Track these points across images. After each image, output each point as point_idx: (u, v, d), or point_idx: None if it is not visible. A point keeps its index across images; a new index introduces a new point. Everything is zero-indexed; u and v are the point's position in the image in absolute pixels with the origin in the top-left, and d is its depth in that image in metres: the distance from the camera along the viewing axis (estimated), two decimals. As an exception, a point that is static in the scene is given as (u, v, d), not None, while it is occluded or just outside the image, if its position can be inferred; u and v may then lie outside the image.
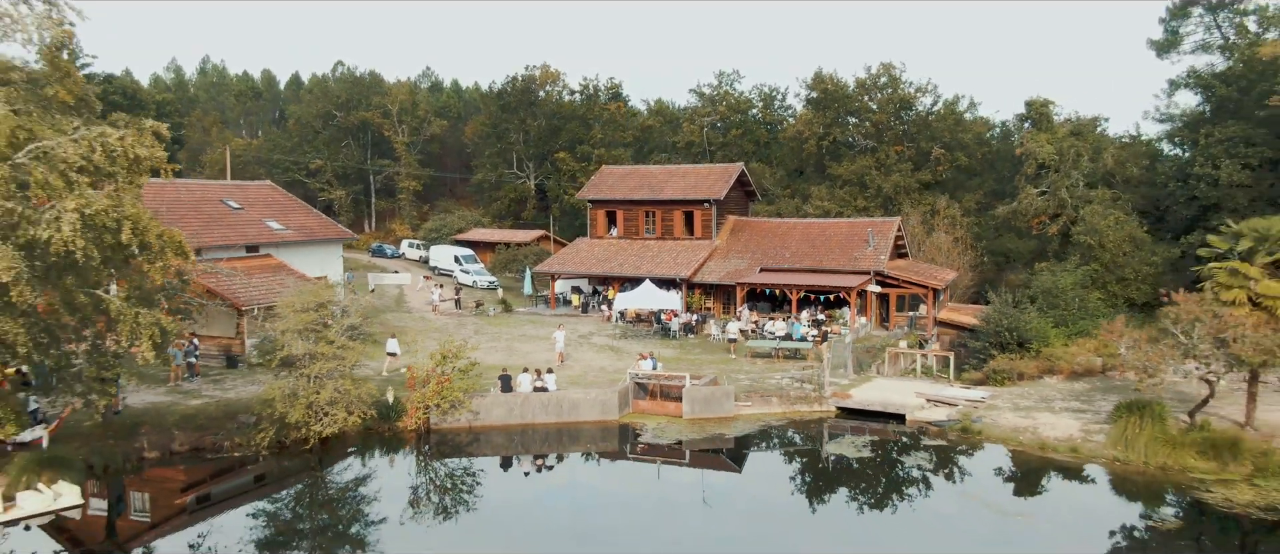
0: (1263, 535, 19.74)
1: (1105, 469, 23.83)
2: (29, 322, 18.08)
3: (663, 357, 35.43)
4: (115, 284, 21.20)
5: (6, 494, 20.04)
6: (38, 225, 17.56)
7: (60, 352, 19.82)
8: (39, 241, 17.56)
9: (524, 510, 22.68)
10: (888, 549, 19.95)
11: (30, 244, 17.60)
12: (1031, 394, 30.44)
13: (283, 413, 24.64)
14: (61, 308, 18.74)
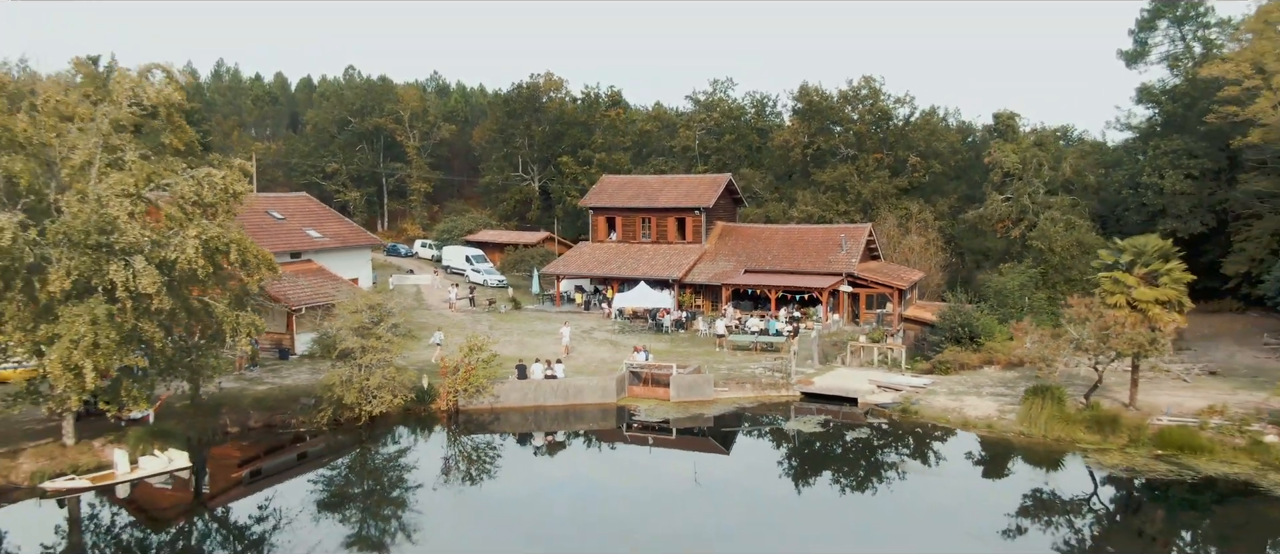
0: (1119, 486, 25.11)
1: (1012, 441, 29.19)
2: (162, 322, 23.39)
3: (655, 349, 40.79)
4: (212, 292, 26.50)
5: (133, 458, 25.39)
6: (167, 248, 22.86)
7: (179, 344, 25.15)
8: (169, 261, 22.85)
9: (536, 477, 28.07)
10: (829, 497, 25.32)
11: (163, 263, 22.88)
12: (968, 382, 35.78)
13: (339, 395, 30.02)
14: (181, 311, 24.02)
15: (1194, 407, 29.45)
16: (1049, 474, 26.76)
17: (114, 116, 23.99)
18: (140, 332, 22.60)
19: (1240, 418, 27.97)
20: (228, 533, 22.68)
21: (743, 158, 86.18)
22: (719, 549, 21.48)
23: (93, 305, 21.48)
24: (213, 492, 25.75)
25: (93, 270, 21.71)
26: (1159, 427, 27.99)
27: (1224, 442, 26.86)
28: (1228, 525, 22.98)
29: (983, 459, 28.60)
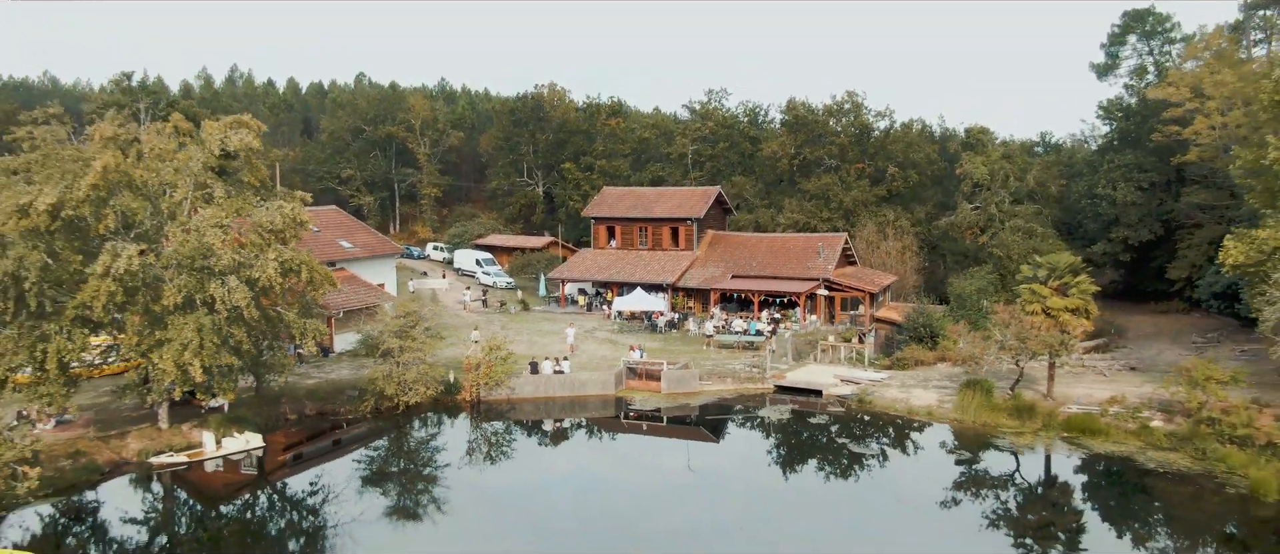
0: (1030, 463, 30.64)
1: (947, 426, 34.74)
2: (248, 329, 28.88)
3: (649, 348, 46.32)
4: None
5: (217, 439, 30.92)
6: (252, 268, 28.34)
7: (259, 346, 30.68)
8: (254, 279, 28.33)
9: (545, 456, 33.65)
10: (788, 472, 30.88)
11: (249, 280, 28.36)
12: (920, 376, 41.30)
13: (381, 388, 35.59)
14: (262, 320, 29.51)
15: (1100, 397, 35.00)
16: (975, 453, 32.29)
17: (204, 160, 29.44)
18: (232, 336, 28.09)
19: (1134, 406, 33.48)
20: (295, 500, 28.24)
21: (736, 164, 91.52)
22: (692, 503, 27.04)
23: (199, 316, 26.97)
24: (281, 467, 31.27)
25: (197, 288, 27.20)
26: (1067, 414, 33.53)
27: (1119, 426, 32.38)
28: (1112, 492, 28.51)
29: (921, 441, 34.11)
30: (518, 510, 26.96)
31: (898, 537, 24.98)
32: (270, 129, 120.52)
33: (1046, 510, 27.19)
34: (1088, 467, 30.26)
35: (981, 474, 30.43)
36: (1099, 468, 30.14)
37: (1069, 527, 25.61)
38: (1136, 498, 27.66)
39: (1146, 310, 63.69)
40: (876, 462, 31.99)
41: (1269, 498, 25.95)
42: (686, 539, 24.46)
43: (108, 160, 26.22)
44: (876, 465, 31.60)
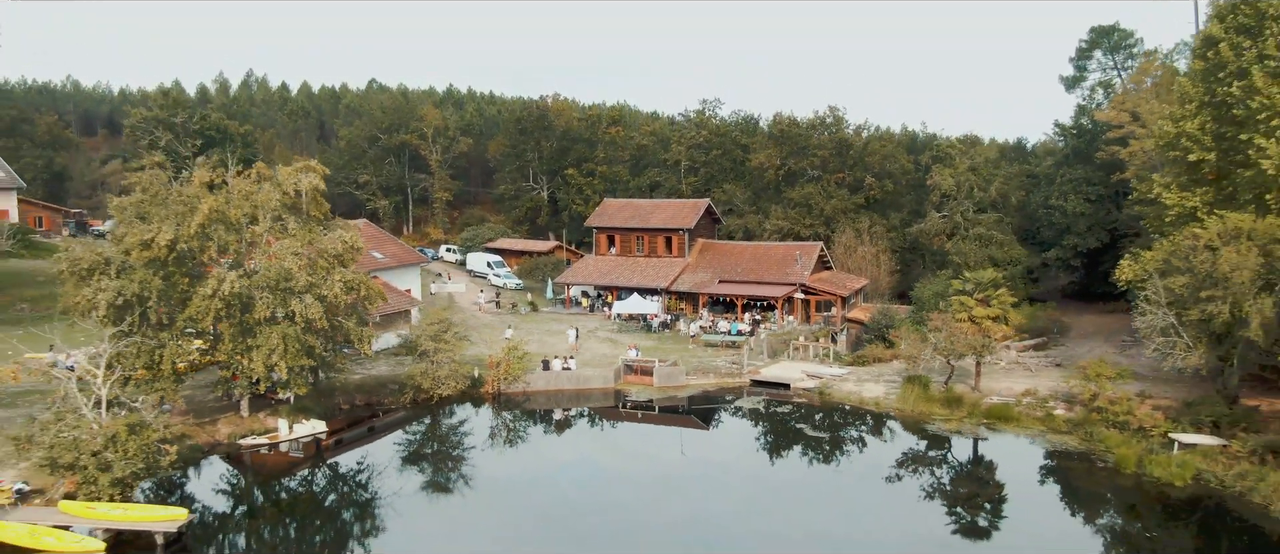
0: (955, 443, 37.61)
1: (891, 414, 41.72)
2: (319, 336, 35.82)
3: (643, 346, 53.27)
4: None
5: (290, 424, 37.90)
6: (322, 288, 35.23)
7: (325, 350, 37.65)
8: (323, 296, 35.22)
9: (555, 440, 40.64)
10: (758, 448, 37.89)
11: (320, 297, 35.24)
12: (875, 372, 48.23)
13: (418, 382, 42.56)
14: (330, 329, 36.42)
15: (1018, 389, 41.96)
16: (911, 436, 39.27)
17: (280, 198, 36.32)
18: (307, 343, 35.02)
19: (1044, 398, 40.43)
20: (350, 475, 35.21)
21: (728, 170, 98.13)
22: (680, 479, 34.05)
23: (283, 328, 33.87)
24: (339, 447, 38.26)
25: (280, 304, 34.10)
26: (989, 404, 40.49)
27: (1028, 414, 39.36)
28: (1018, 467, 35.47)
29: (869, 427, 41.07)
30: (531, 486, 33.97)
31: (850, 506, 32.00)
32: (288, 134, 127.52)
33: (969, 483, 34.14)
34: (1001, 447, 37.26)
35: (918, 454, 37.39)
36: (1009, 448, 37.14)
37: (988, 496, 32.62)
38: (1042, 472, 34.65)
39: (1096, 310, 70.44)
40: (831, 444, 39.01)
41: (1128, 469, 32.92)
42: (675, 503, 31.49)
43: (212, 203, 33.12)
44: (831, 448, 38.63)
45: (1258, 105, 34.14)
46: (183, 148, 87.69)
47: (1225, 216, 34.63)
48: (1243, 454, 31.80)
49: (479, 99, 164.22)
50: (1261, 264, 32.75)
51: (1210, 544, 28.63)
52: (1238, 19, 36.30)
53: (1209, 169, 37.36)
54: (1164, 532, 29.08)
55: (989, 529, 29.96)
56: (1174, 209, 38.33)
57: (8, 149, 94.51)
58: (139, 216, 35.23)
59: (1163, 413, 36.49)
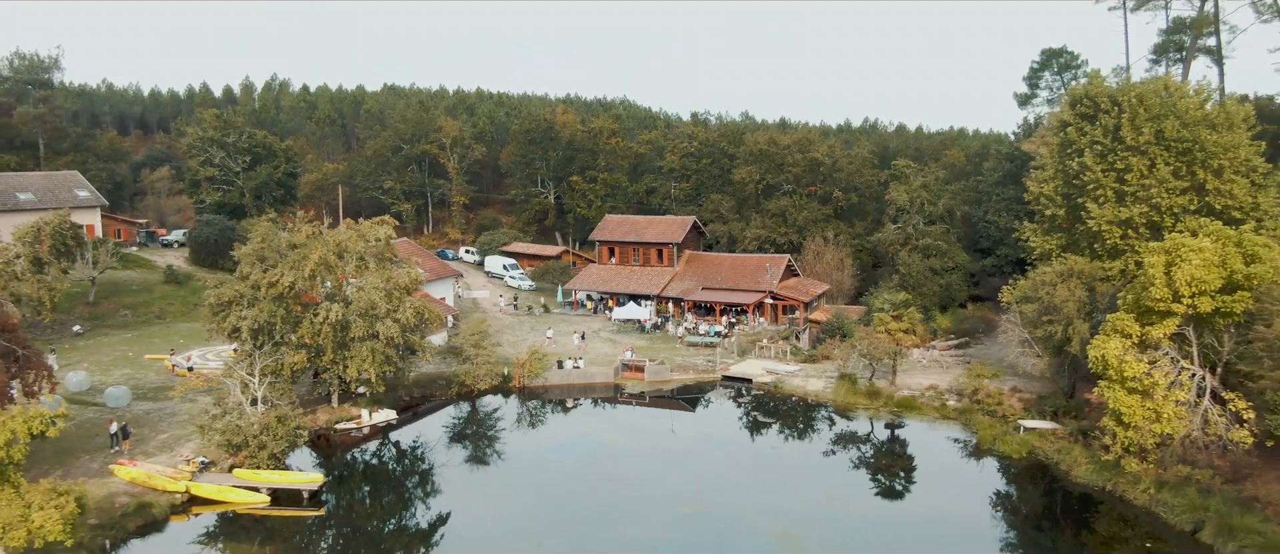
0: (873, 427, 50.17)
1: (827, 404, 54.20)
2: (396, 348, 48.19)
3: (637, 346, 65.69)
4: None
5: (370, 413, 50.38)
6: (398, 313, 47.54)
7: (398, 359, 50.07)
8: (398, 320, 47.52)
9: (568, 422, 53.23)
10: (721, 429, 50.45)
11: (396, 320, 47.53)
12: (820, 369, 60.60)
13: (461, 379, 55.05)
14: (403, 343, 48.75)
15: (925, 384, 54.41)
16: (841, 421, 51.76)
17: (362, 246, 48.57)
18: (387, 354, 47.41)
19: (942, 391, 52.90)
20: (413, 450, 47.73)
21: (716, 179, 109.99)
22: (667, 447, 46.64)
23: (372, 344, 46.25)
24: (405, 429, 50.81)
25: (369, 327, 46.45)
26: (900, 396, 52.99)
27: (928, 404, 51.84)
28: (912, 443, 47.99)
29: (809, 413, 53.56)
30: (551, 457, 46.56)
31: (795, 472, 44.55)
32: (316, 142, 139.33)
33: (881, 456, 46.67)
34: (905, 429, 49.82)
35: (846, 434, 49.92)
36: (911, 430, 49.69)
37: (893, 465, 45.19)
38: (926, 447, 47.21)
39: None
40: (781, 427, 51.57)
41: (986, 446, 45.45)
42: (663, 463, 44.08)
43: (321, 253, 45.45)
44: (778, 429, 51.21)
45: (1089, 178, 46.32)
46: (234, 164, 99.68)
47: (1067, 258, 46.93)
48: (1063, 435, 44.28)
49: (490, 100, 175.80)
50: (1085, 297, 45.06)
51: (1024, 493, 41.22)
52: (1081, 108, 48.38)
53: (1061, 221, 49.58)
54: (997, 486, 41.65)
55: (892, 486, 42.49)
56: (1037, 250, 50.57)
57: (75, 163, 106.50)
58: (259, 259, 47.56)
59: (1022, 403, 49.01)
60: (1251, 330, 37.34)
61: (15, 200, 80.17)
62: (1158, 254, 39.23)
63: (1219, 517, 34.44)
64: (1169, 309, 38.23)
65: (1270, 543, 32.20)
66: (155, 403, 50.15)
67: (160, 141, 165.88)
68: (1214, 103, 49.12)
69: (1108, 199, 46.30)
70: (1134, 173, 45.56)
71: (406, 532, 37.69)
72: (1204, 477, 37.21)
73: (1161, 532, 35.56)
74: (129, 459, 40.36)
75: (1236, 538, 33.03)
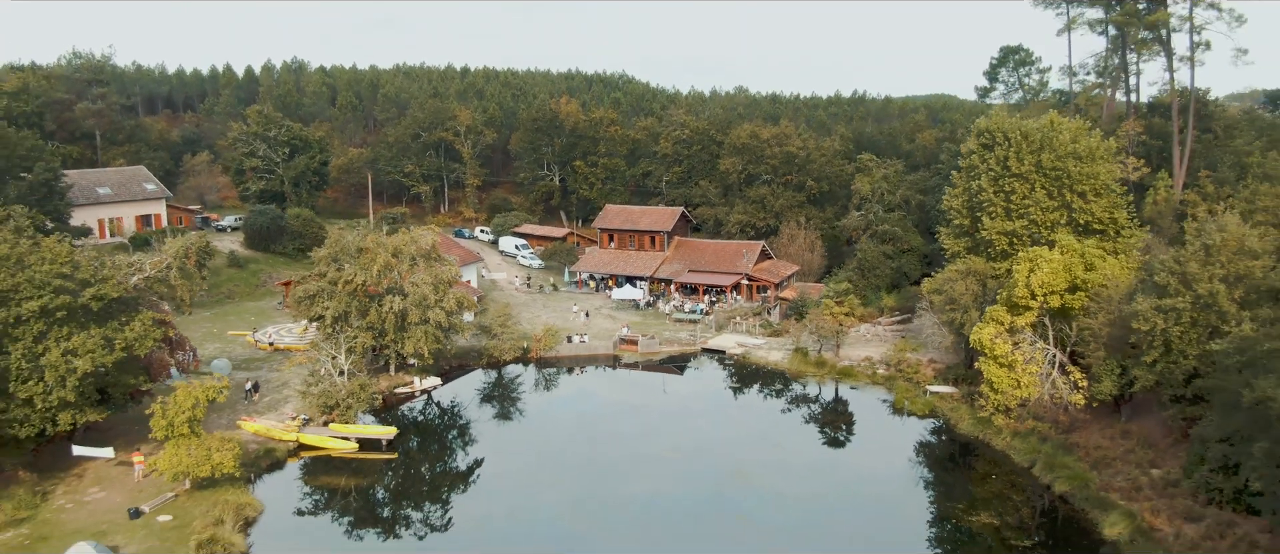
0: (820, 391, 63.70)
1: (785, 372, 67.64)
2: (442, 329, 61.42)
3: (632, 322, 78.95)
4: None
5: (420, 379, 63.76)
6: (443, 302, 60.73)
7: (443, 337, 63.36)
8: (444, 307, 60.70)
9: (575, 384, 66.82)
10: (697, 389, 64.00)
11: (443, 308, 60.69)
12: (783, 343, 73.77)
13: (491, 352, 68.49)
14: (447, 324, 61.96)
15: (862, 356, 67.73)
16: (793, 386, 65.21)
17: (413, 250, 61.56)
18: (436, 335, 60.63)
19: (875, 362, 66.23)
20: (454, 407, 61.25)
21: (706, 164, 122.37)
22: (658, 403, 60.17)
23: (425, 328, 59.44)
24: (447, 390, 64.28)
25: (422, 314, 59.60)
26: (841, 366, 66.33)
27: (863, 372, 65.23)
28: (851, 404, 61.53)
29: (767, 379, 66.96)
30: (563, 413, 60.11)
31: (758, 424, 58.03)
32: (340, 127, 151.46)
33: (823, 412, 60.19)
34: (843, 392, 63.32)
35: (798, 395, 63.40)
36: (847, 393, 63.17)
37: (828, 420, 58.73)
38: (857, 406, 60.73)
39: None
40: (743, 390, 65.07)
41: (900, 405, 58.94)
42: (652, 419, 57.68)
43: (385, 258, 58.49)
44: (742, 391, 64.71)
45: (984, 197, 59.24)
46: (275, 155, 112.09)
47: (969, 259, 59.97)
48: (957, 397, 57.70)
49: (497, 80, 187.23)
50: (979, 290, 58.16)
51: (922, 441, 54.73)
52: (983, 139, 61.11)
53: (965, 229, 62.54)
54: (901, 435, 55.18)
55: (827, 436, 56.05)
56: (948, 251, 63.59)
57: (129, 154, 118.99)
58: (333, 259, 60.59)
59: (934, 372, 62.41)
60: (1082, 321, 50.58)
61: (96, 194, 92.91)
62: (1023, 262, 52.32)
63: (1047, 457, 47.99)
64: (1029, 304, 51.42)
65: (1076, 474, 45.67)
66: (249, 371, 63.56)
67: (189, 120, 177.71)
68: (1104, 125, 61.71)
69: (998, 214, 59.23)
70: (1017, 194, 58.40)
71: (452, 472, 51.24)
72: (1044, 428, 50.72)
73: (1011, 468, 49.11)
74: (250, 416, 53.84)
75: (1055, 472, 46.54)
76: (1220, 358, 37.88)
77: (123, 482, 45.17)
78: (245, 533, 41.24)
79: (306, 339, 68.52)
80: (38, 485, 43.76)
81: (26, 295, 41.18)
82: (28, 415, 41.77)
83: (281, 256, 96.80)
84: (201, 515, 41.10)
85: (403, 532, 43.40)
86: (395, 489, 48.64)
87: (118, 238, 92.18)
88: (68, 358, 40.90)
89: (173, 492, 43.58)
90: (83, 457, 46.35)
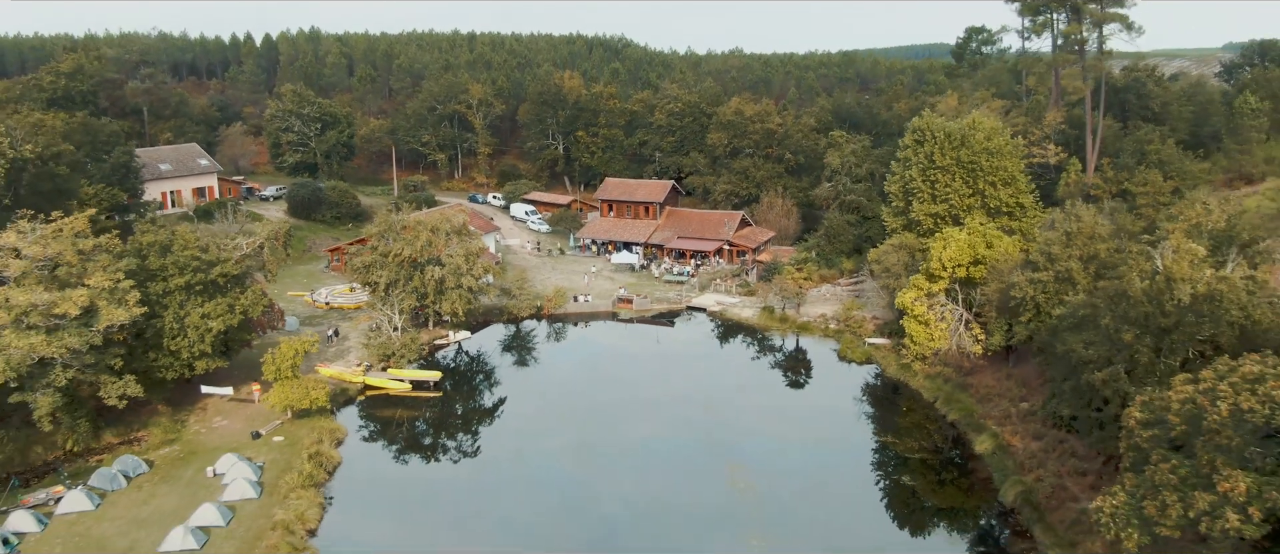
0: (781, 341, 77.81)
1: (753, 326, 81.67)
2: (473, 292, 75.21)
3: (628, 283, 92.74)
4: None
5: (453, 332, 77.74)
6: (475, 268, 74.43)
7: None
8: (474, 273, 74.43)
9: (581, 335, 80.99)
10: (684, 339, 78.16)
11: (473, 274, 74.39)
12: (754, 301, 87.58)
13: (510, 309, 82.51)
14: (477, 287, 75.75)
15: (819, 313, 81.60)
16: (761, 339, 79.23)
17: (448, 228, 75.07)
18: (469, 297, 74.39)
19: (828, 318, 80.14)
20: (480, 355, 75.40)
21: (696, 135, 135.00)
22: (652, 350, 74.30)
23: (460, 290, 73.11)
24: (475, 341, 78.36)
25: (457, 281, 73.27)
26: (800, 321, 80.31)
27: (817, 326, 79.19)
28: (809, 352, 75.64)
29: (741, 334, 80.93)
30: (571, 357, 74.28)
31: (732, 368, 72.18)
32: (360, 98, 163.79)
33: (785, 358, 74.28)
34: (803, 343, 77.42)
35: (765, 345, 77.47)
36: (805, 343, 77.25)
37: (793, 364, 72.88)
38: (810, 355, 74.85)
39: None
40: (725, 341, 79.15)
41: (844, 354, 73.01)
42: (642, 364, 71.84)
43: (427, 234, 72.03)
44: (726, 343, 78.80)
45: (914, 186, 72.62)
46: (309, 130, 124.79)
47: (903, 235, 73.52)
48: (889, 348, 71.68)
49: (504, 50, 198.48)
50: (909, 261, 71.73)
51: (858, 382, 68.82)
52: (916, 136, 74.24)
53: (901, 209, 75.99)
54: (845, 378, 69.32)
55: (794, 377, 70.23)
56: (889, 227, 77.05)
57: (176, 128, 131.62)
58: (382, 235, 74.10)
59: (874, 327, 76.36)
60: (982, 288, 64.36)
61: (159, 170, 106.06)
62: (939, 240, 65.85)
63: (948, 394, 62.14)
64: (941, 274, 65.09)
65: (965, 407, 59.80)
66: (312, 326, 77.53)
67: (215, 87, 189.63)
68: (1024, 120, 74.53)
69: (925, 199, 72.55)
70: (940, 183, 71.68)
71: (482, 408, 65.49)
72: (949, 372, 64.78)
73: (922, 404, 63.26)
74: (325, 363, 67.92)
75: (951, 405, 60.72)
76: (1056, 322, 51.71)
77: (239, 413, 59.45)
78: (336, 448, 55.55)
79: (353, 299, 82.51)
80: (175, 416, 58.02)
81: (172, 273, 54.88)
82: (172, 362, 55.76)
83: (321, 224, 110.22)
84: (305, 436, 55.39)
85: (442, 457, 57.52)
86: (437, 421, 62.81)
87: (179, 208, 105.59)
88: (205, 320, 54.79)
89: (279, 420, 57.82)
90: (208, 394, 60.50)
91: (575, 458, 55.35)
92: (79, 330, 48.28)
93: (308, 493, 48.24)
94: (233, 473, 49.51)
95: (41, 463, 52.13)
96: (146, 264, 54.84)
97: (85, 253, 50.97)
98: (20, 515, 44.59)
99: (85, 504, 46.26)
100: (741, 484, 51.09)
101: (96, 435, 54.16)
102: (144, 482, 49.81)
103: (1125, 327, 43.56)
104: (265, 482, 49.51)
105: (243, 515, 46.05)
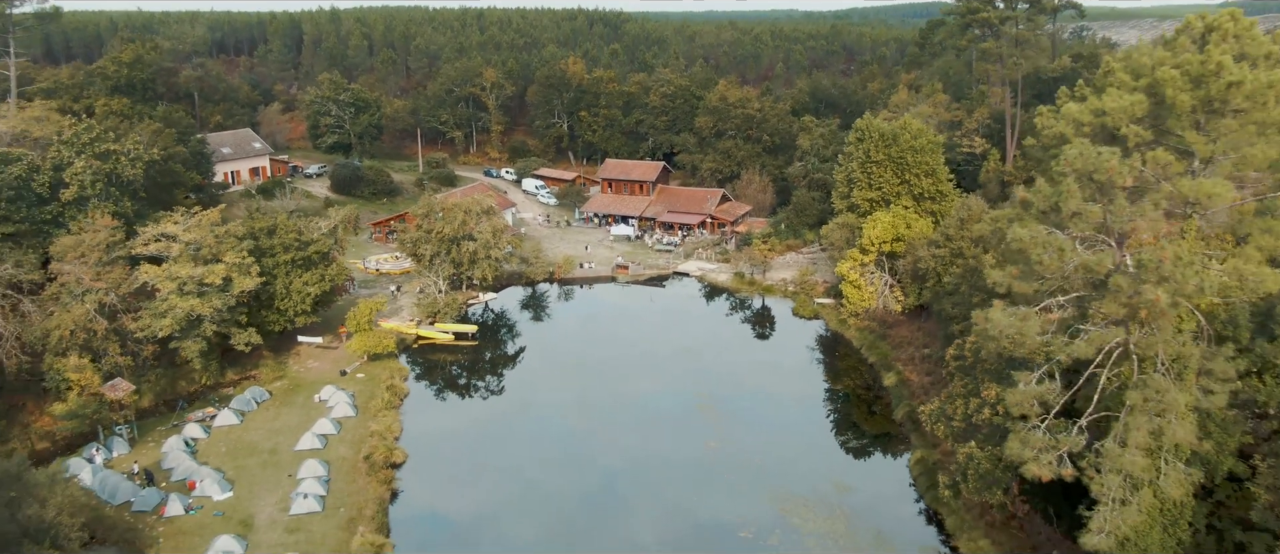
0: (751, 299, 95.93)
1: (728, 288, 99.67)
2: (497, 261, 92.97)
3: (625, 252, 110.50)
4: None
5: (481, 294, 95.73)
6: (500, 242, 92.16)
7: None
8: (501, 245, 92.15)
9: (586, 296, 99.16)
10: (673, 300, 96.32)
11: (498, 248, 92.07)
12: (730, 268, 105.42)
13: (527, 274, 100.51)
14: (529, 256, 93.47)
15: (782, 277, 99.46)
16: (733, 299, 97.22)
17: (479, 210, 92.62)
18: (496, 265, 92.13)
19: (789, 282, 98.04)
20: (506, 313, 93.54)
21: (687, 115, 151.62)
22: (647, 308, 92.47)
23: (487, 262, 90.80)
24: (498, 300, 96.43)
25: (486, 252, 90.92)
26: (767, 284, 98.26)
27: (779, 289, 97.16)
28: (774, 312, 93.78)
29: (718, 295, 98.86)
30: (577, 313, 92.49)
31: (712, 324, 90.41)
32: (381, 80, 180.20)
33: (753, 316, 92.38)
34: (768, 303, 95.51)
35: (737, 303, 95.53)
36: (771, 303, 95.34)
37: (759, 320, 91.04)
38: (776, 314, 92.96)
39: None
40: (704, 301, 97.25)
41: (797, 312, 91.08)
42: (638, 318, 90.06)
43: (461, 215, 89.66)
44: (705, 302, 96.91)
45: (855, 176, 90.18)
46: (345, 114, 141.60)
47: (847, 215, 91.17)
48: (832, 307, 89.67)
49: (512, 29, 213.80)
50: (849, 236, 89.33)
51: (806, 334, 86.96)
52: (857, 134, 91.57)
53: (846, 194, 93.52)
54: (799, 332, 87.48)
55: (759, 330, 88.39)
56: (837, 208, 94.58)
57: (225, 112, 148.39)
58: (426, 216, 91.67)
59: (824, 289, 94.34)
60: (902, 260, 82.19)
61: (222, 154, 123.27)
62: (870, 222, 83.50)
63: (871, 343, 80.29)
64: (871, 249, 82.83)
65: (881, 353, 77.88)
66: (367, 289, 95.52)
67: (245, 64, 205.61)
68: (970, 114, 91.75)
69: (863, 186, 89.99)
70: (875, 174, 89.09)
71: (506, 355, 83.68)
72: (875, 326, 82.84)
73: (852, 351, 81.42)
74: (386, 318, 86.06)
75: (872, 351, 78.92)
76: (940, 288, 69.61)
77: (326, 357, 77.71)
78: (404, 383, 73.86)
79: (398, 266, 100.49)
80: (278, 359, 76.22)
81: (278, 251, 72.69)
82: (278, 318, 73.82)
83: (360, 199, 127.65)
84: (381, 374, 73.65)
85: (473, 395, 75.71)
86: (470, 366, 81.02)
87: (239, 187, 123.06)
88: (305, 286, 72.76)
89: (358, 362, 76.03)
90: (303, 342, 78.67)
91: (582, 382, 73.72)
92: (221, 295, 66.26)
93: (390, 413, 66.60)
94: (334, 399, 67.77)
95: (186, 394, 70.39)
96: (259, 244, 72.61)
97: (219, 237, 68.72)
98: (192, 426, 62.97)
99: (233, 420, 64.59)
100: (707, 408, 69.42)
101: (222, 373, 72.36)
102: (269, 405, 68.15)
103: (976, 293, 61.45)
104: (358, 405, 67.84)
105: (347, 427, 64.42)
